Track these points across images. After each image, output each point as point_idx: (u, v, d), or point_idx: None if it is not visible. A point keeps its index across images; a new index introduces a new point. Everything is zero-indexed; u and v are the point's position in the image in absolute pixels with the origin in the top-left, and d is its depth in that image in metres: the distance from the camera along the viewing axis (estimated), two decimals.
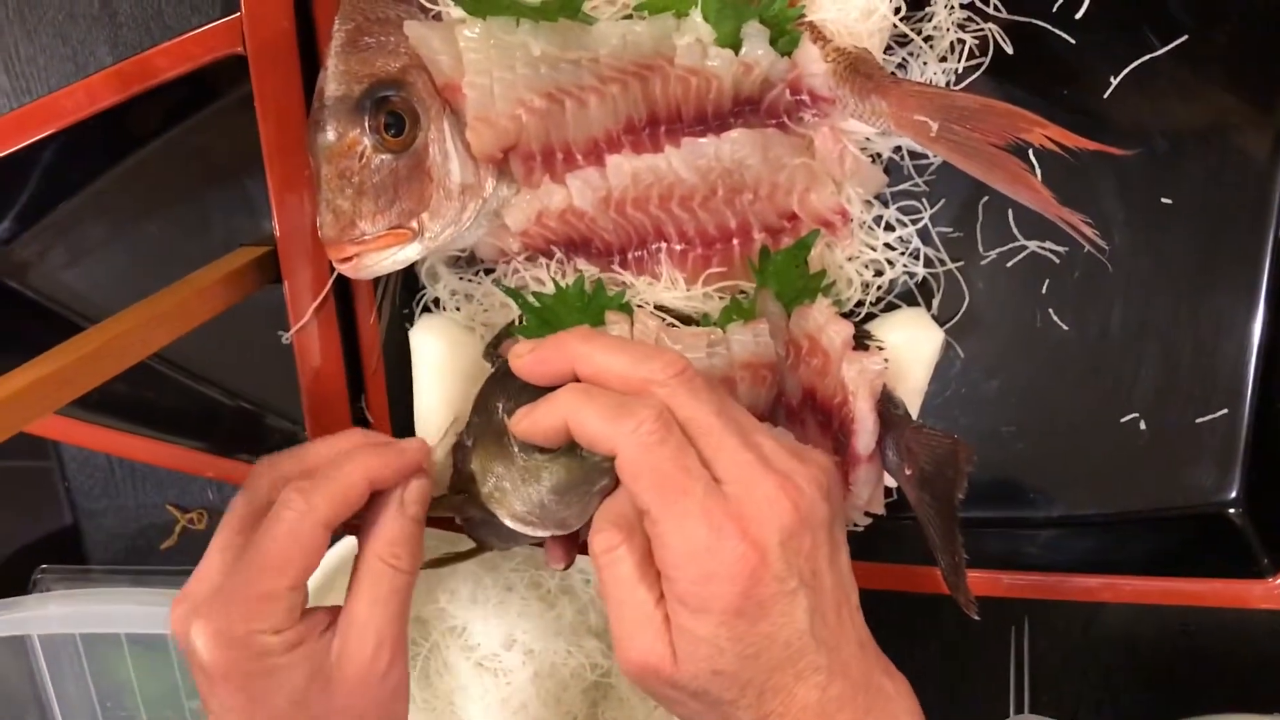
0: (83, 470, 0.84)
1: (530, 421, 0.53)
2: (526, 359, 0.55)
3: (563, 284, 0.63)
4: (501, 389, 0.58)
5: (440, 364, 0.65)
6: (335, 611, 0.56)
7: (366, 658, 0.55)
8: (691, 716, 0.51)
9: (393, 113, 0.58)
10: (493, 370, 0.61)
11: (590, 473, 0.54)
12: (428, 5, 0.59)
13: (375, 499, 0.57)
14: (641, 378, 0.51)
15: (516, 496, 0.56)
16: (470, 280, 0.67)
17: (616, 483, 0.52)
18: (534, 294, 0.63)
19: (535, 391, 0.54)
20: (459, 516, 0.62)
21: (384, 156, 0.58)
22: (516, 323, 0.64)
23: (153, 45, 0.62)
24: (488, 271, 0.67)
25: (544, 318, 0.63)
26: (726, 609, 0.48)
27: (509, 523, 0.57)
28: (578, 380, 0.53)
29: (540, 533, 0.57)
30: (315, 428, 0.66)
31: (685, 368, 0.51)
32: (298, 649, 0.54)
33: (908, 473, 0.59)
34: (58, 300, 0.73)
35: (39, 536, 0.86)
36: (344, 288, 0.65)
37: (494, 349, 0.64)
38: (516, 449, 0.56)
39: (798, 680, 0.49)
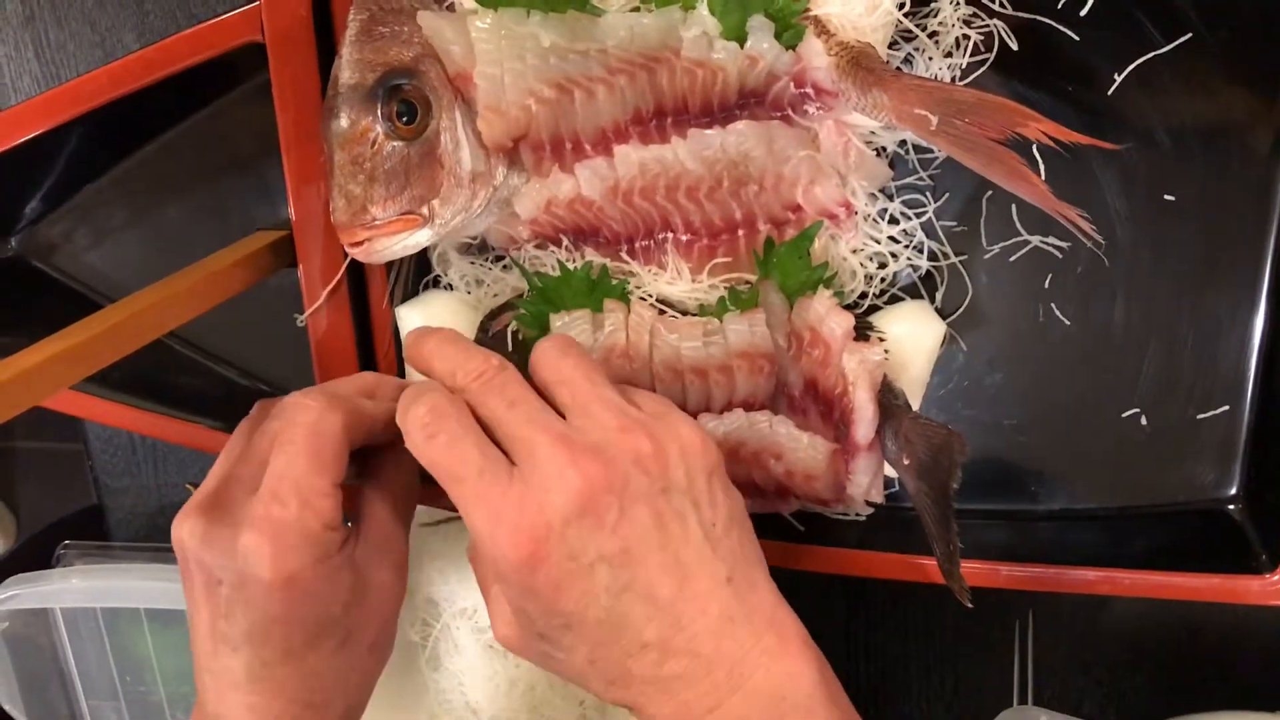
0: (106, 450, 0.86)
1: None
2: (407, 347, 0.57)
3: (570, 267, 0.64)
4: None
5: None
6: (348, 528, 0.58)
7: (391, 575, 0.58)
8: (568, 680, 0.53)
9: (405, 101, 0.59)
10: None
11: None
12: None
13: (383, 448, 0.60)
14: (450, 378, 0.53)
15: None
16: (480, 265, 0.68)
17: None
18: (539, 275, 0.65)
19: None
20: None
21: (396, 143, 0.60)
22: (520, 298, 0.66)
23: (178, 32, 0.64)
24: (498, 258, 0.68)
25: (548, 298, 0.64)
26: (517, 585, 0.49)
27: None
28: None
29: None
30: None
31: (483, 370, 0.52)
32: (345, 549, 0.56)
33: (906, 462, 0.60)
34: (80, 280, 0.74)
35: (64, 514, 0.88)
36: (357, 272, 0.66)
37: (489, 320, 0.65)
38: None
39: (626, 656, 0.49)
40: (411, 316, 0.67)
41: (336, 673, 0.57)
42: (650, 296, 0.65)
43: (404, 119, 0.59)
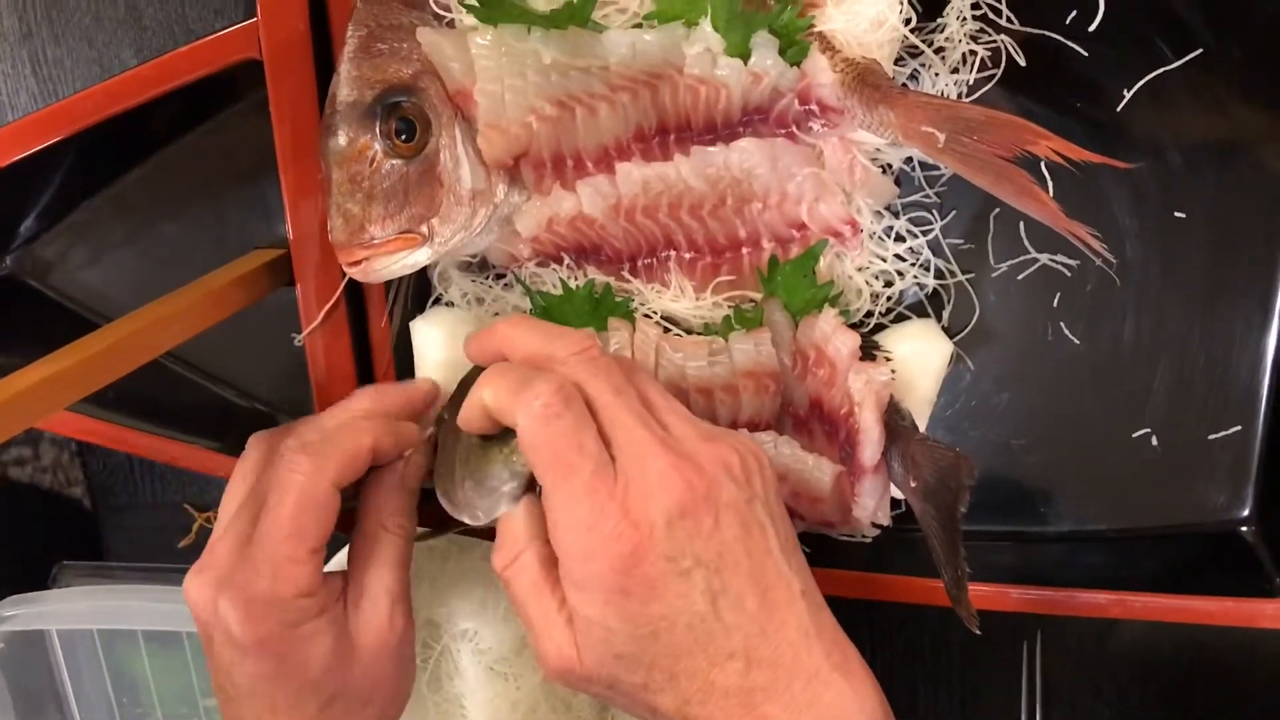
0: (103, 469, 0.85)
1: (464, 406, 0.54)
2: (471, 342, 0.57)
3: (572, 285, 0.63)
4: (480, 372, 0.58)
5: (440, 355, 0.65)
6: (345, 578, 0.58)
7: (383, 622, 0.58)
8: (626, 709, 0.51)
9: (404, 118, 0.59)
10: None
11: (501, 466, 0.54)
12: (440, 12, 0.60)
13: (373, 474, 0.59)
14: (546, 355, 0.52)
15: (447, 469, 0.57)
16: (481, 284, 0.67)
17: (524, 490, 0.53)
18: (542, 293, 0.64)
19: None
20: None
21: (395, 161, 0.59)
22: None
23: (176, 48, 0.63)
24: (499, 277, 0.68)
25: (550, 316, 0.63)
26: (610, 588, 0.48)
27: (444, 500, 0.58)
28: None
29: (457, 512, 0.57)
30: None
31: (588, 347, 0.52)
32: (325, 614, 0.56)
33: (912, 484, 0.59)
34: (76, 299, 0.73)
35: (60, 533, 0.87)
36: (356, 290, 0.66)
37: None
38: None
39: (711, 666, 0.48)
40: (425, 331, 0.66)
41: None
42: (655, 314, 0.64)
43: (403, 136, 0.59)
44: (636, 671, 0.49)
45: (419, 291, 0.68)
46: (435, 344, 0.65)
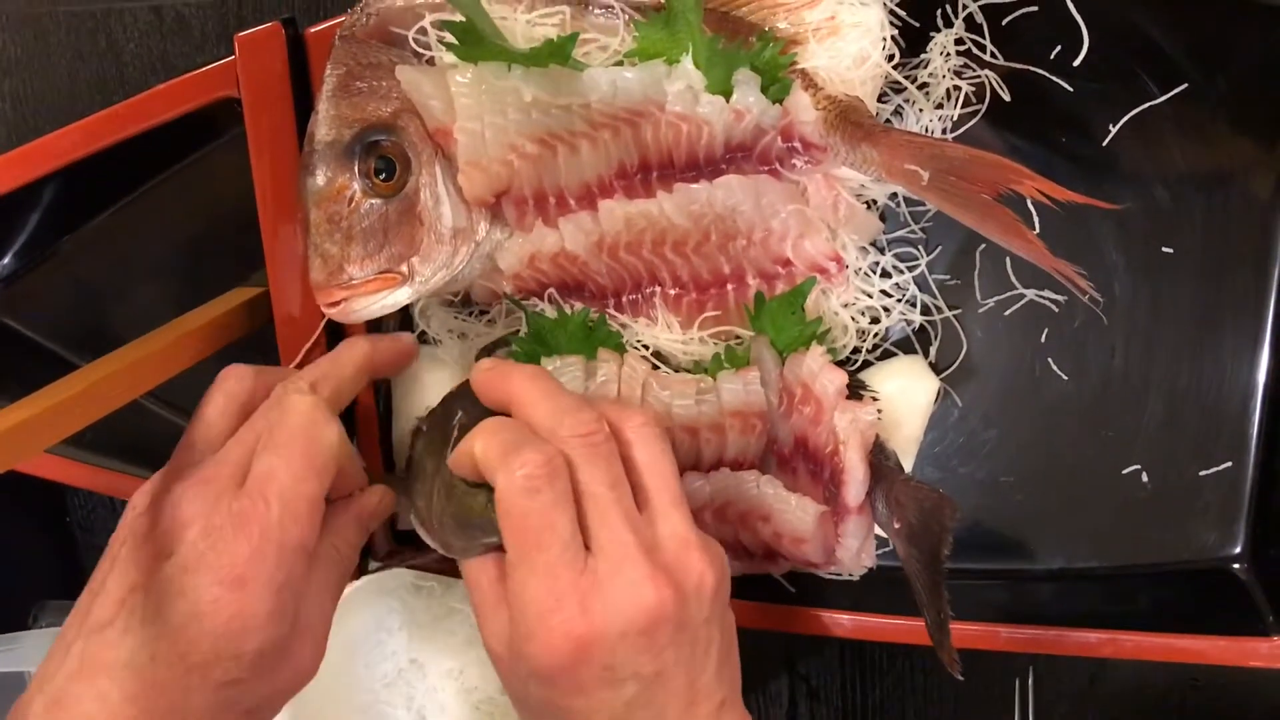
0: (84, 505, 0.84)
1: (458, 450, 0.52)
2: (481, 375, 0.55)
3: (567, 311, 0.63)
4: (468, 394, 0.57)
5: (423, 397, 0.65)
6: None
7: (312, 651, 0.53)
8: None
9: (384, 157, 0.58)
10: None
11: (484, 517, 0.52)
12: (420, 50, 0.59)
13: (338, 502, 0.57)
14: (549, 429, 0.50)
15: (425, 497, 0.56)
16: (464, 319, 0.67)
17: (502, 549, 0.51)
18: (536, 316, 0.63)
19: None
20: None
21: (374, 201, 0.58)
22: (515, 334, 0.64)
23: (157, 85, 0.62)
24: (483, 313, 0.67)
25: (543, 340, 0.63)
26: (538, 672, 0.47)
27: (412, 516, 0.58)
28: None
29: (429, 537, 0.57)
30: None
31: (593, 431, 0.49)
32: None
33: (896, 526, 0.58)
34: (54, 338, 0.73)
35: (40, 571, 0.86)
36: (337, 328, 0.65)
37: (487, 354, 0.63)
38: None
39: None
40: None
41: (209, 713, 0.49)
42: (646, 348, 0.64)
43: (382, 175, 0.58)
44: None
45: (404, 328, 0.68)
46: (411, 382, 0.65)
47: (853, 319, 0.64)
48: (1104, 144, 0.61)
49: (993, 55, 0.60)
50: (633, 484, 0.50)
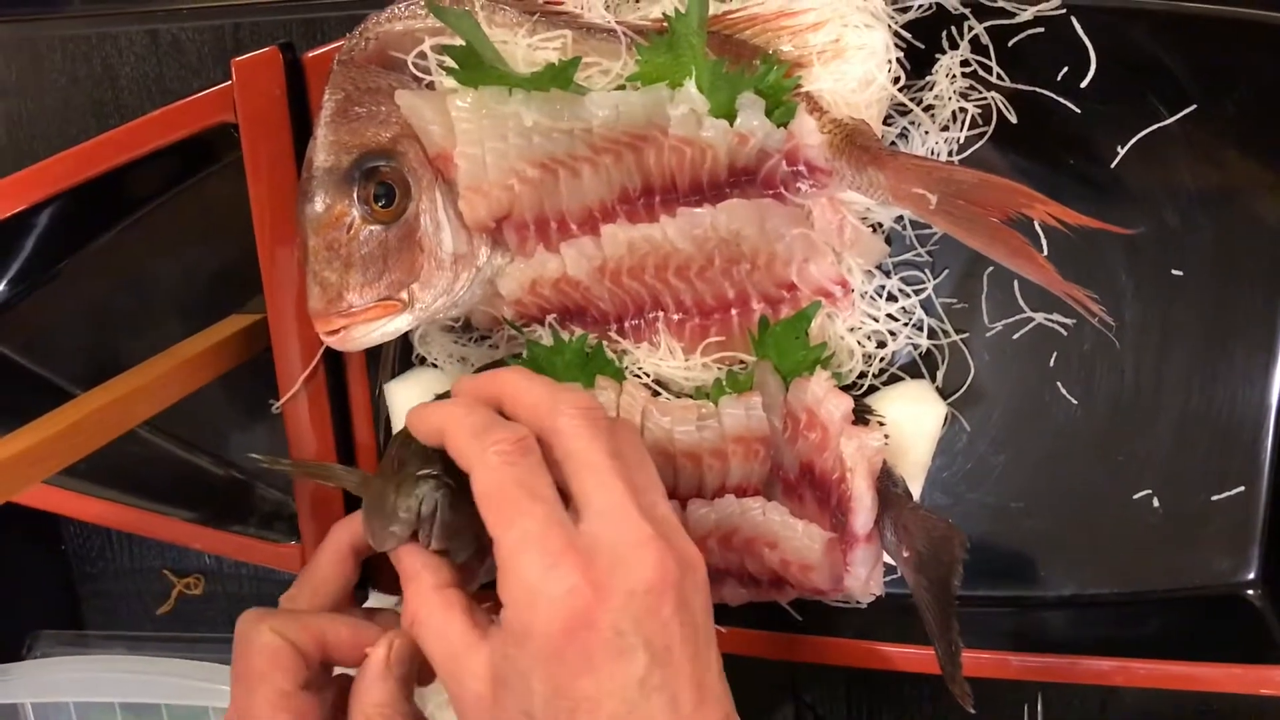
0: (80, 534, 0.83)
1: (419, 415, 0.52)
2: (467, 381, 0.54)
3: (565, 338, 0.62)
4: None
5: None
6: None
7: None
8: None
9: (383, 183, 0.57)
10: None
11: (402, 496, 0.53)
12: (419, 75, 0.59)
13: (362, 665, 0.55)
14: (550, 405, 0.49)
15: (379, 487, 0.55)
16: (464, 344, 0.66)
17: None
18: (533, 344, 0.63)
19: None
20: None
21: (373, 227, 0.58)
22: (517, 358, 0.63)
23: (153, 108, 0.62)
24: (483, 337, 0.66)
25: (539, 367, 0.62)
26: (544, 647, 0.45)
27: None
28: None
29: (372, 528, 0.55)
30: (303, 499, 0.65)
31: (595, 407, 0.49)
32: None
33: (905, 554, 0.57)
34: (49, 365, 0.72)
35: (35, 601, 0.85)
36: (336, 355, 0.64)
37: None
38: (409, 453, 0.55)
39: None
40: (401, 393, 0.65)
41: None
42: (647, 375, 0.63)
43: (381, 202, 0.57)
44: None
45: (405, 353, 0.67)
46: (412, 405, 0.64)
47: (859, 343, 0.63)
48: (1112, 166, 0.60)
49: (999, 77, 0.59)
50: None
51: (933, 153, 0.60)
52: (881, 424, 0.61)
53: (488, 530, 0.47)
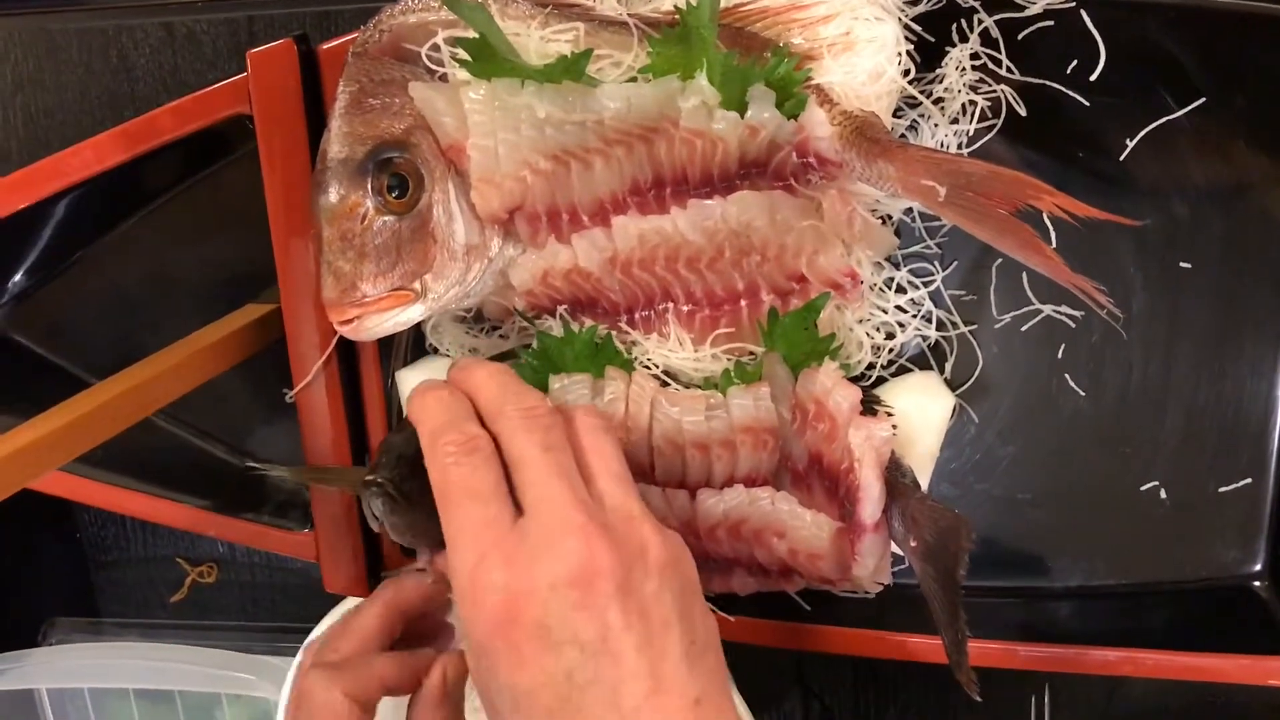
0: (95, 522, 0.84)
1: (410, 402, 0.54)
2: (454, 372, 0.55)
3: (575, 329, 0.63)
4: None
5: None
6: None
7: None
8: None
9: (396, 174, 0.58)
10: None
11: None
12: (433, 67, 0.59)
13: (416, 694, 0.56)
14: (496, 409, 0.51)
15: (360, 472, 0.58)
16: (475, 334, 0.67)
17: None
18: (543, 334, 0.63)
19: None
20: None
21: (387, 218, 0.58)
22: (527, 348, 0.64)
23: (169, 100, 0.62)
24: (494, 328, 0.67)
25: (549, 358, 0.62)
26: (482, 642, 0.46)
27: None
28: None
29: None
30: (317, 487, 0.65)
31: (534, 407, 0.51)
32: None
33: (912, 544, 0.57)
34: (66, 355, 0.73)
35: (51, 588, 0.86)
36: (349, 345, 0.65)
37: None
38: (383, 449, 0.58)
39: None
40: (412, 380, 0.66)
41: None
42: (656, 366, 0.63)
43: (395, 193, 0.58)
44: None
45: (418, 343, 0.68)
46: None
47: (867, 335, 0.63)
48: (1121, 159, 0.61)
49: (1008, 70, 0.59)
50: (579, 464, 0.50)
51: (942, 145, 0.60)
52: (890, 415, 0.61)
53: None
